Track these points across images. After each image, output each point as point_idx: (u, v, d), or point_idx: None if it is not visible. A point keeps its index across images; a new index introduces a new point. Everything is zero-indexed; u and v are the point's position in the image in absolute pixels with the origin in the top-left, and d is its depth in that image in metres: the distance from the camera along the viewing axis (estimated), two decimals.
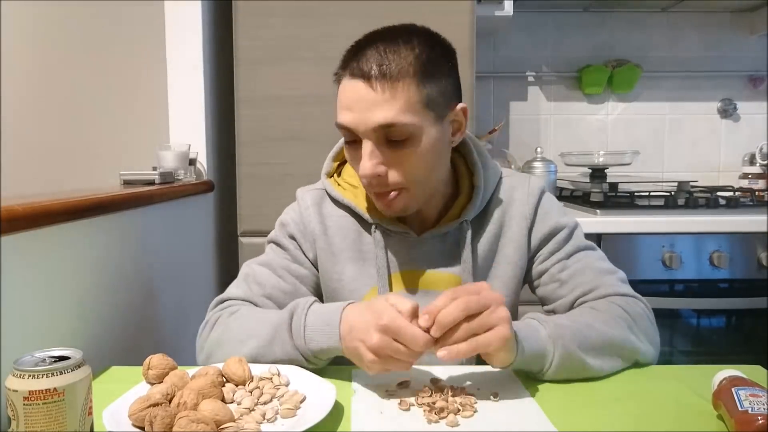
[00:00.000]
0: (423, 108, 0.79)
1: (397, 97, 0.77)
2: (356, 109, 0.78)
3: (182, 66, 1.63)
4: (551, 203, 0.96)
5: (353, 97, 0.78)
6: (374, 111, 0.77)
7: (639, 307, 0.86)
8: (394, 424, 0.66)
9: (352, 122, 0.79)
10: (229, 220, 1.78)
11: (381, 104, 0.77)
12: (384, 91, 0.77)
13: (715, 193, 1.78)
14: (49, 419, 0.52)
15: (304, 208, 0.95)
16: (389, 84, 0.77)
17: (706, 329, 1.69)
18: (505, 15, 1.85)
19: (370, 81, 0.77)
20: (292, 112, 1.58)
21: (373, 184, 0.82)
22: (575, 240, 0.93)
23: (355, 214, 0.93)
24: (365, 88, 0.77)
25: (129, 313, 1.11)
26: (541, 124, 2.26)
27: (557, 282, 0.91)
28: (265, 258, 0.95)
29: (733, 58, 2.25)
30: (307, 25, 1.56)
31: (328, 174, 0.97)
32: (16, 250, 0.74)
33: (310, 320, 0.77)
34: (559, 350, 0.75)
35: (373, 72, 0.77)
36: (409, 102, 0.77)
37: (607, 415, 0.68)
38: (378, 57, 0.77)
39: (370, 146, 0.79)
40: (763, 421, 0.57)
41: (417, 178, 0.82)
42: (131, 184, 1.29)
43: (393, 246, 0.91)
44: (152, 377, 0.73)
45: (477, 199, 0.90)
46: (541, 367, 0.76)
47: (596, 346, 0.78)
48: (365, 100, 0.77)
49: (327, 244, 0.93)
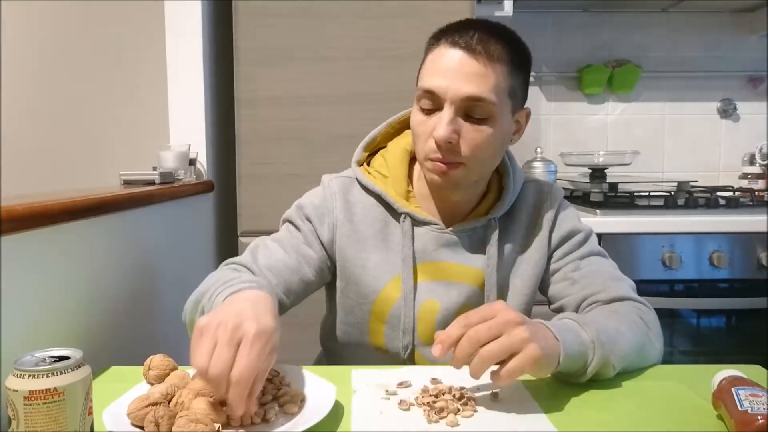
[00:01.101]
0: (507, 95, 0.84)
1: (492, 75, 0.81)
2: (450, 76, 0.81)
3: (182, 66, 1.63)
4: (570, 209, 1.00)
5: (450, 64, 0.82)
6: (469, 81, 0.80)
7: (652, 315, 0.88)
8: (394, 424, 0.66)
9: (442, 88, 0.82)
10: (229, 220, 1.79)
11: (476, 77, 0.80)
12: (483, 66, 0.80)
13: (715, 193, 1.78)
14: (49, 419, 0.52)
15: (330, 194, 0.95)
16: (489, 61, 0.81)
17: (706, 329, 1.69)
18: (505, 15, 1.86)
19: (473, 52, 0.81)
20: (292, 112, 1.58)
21: (442, 149, 0.83)
22: (590, 244, 0.97)
23: (384, 203, 0.94)
24: (466, 58, 0.81)
25: (129, 313, 1.11)
26: (541, 124, 2.26)
27: (569, 280, 0.94)
28: (277, 235, 0.97)
29: (733, 58, 2.24)
30: (307, 25, 1.56)
31: (359, 162, 0.98)
32: (16, 250, 0.74)
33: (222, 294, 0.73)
34: (598, 356, 0.73)
35: (476, 46, 0.81)
36: (499, 85, 0.82)
37: (607, 415, 0.68)
38: (481, 36, 0.81)
39: (451, 113, 0.82)
40: (763, 421, 0.57)
41: (480, 158, 0.85)
42: (131, 184, 1.29)
43: (420, 237, 0.93)
44: (152, 378, 0.73)
45: (506, 198, 0.94)
46: (578, 370, 0.74)
47: (624, 354, 0.78)
48: (463, 69, 0.81)
49: (352, 230, 0.94)
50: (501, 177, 0.97)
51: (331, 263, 0.96)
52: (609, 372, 0.76)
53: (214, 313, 0.63)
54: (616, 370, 0.77)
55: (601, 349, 0.73)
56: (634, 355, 0.80)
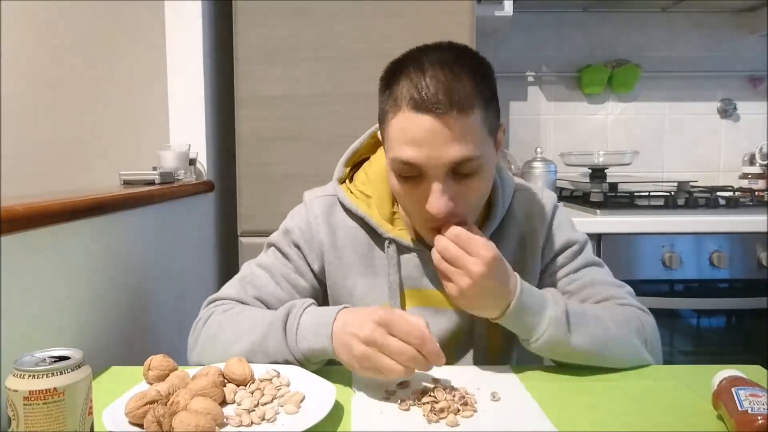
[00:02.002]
0: (487, 135, 0.77)
1: (470, 131, 0.73)
2: (426, 145, 0.73)
3: (182, 66, 1.63)
4: (564, 217, 0.95)
5: (421, 134, 0.73)
6: (448, 147, 0.73)
7: (650, 319, 0.88)
8: (394, 424, 0.66)
9: (421, 159, 0.74)
10: (229, 220, 1.79)
11: (455, 140, 0.72)
12: (460, 126, 0.72)
13: (715, 193, 1.78)
14: (49, 419, 0.52)
15: (313, 218, 0.91)
16: (462, 118, 0.72)
17: (706, 329, 1.69)
18: (505, 15, 1.85)
19: (441, 117, 0.72)
20: (292, 112, 1.58)
21: (440, 219, 0.77)
22: (585, 254, 0.94)
23: (368, 227, 0.90)
24: (437, 124, 0.72)
25: (129, 313, 1.11)
26: (541, 124, 2.26)
27: (565, 294, 0.90)
28: (265, 261, 0.93)
29: (733, 58, 2.25)
30: (307, 25, 1.56)
31: (340, 180, 0.94)
32: (16, 250, 0.74)
33: (304, 319, 0.77)
34: (561, 308, 0.77)
35: (444, 103, 0.71)
36: (479, 133, 0.74)
37: (607, 415, 0.68)
38: (443, 88, 0.72)
39: (440, 184, 0.75)
40: (763, 421, 0.57)
41: (480, 204, 0.83)
42: (131, 184, 1.29)
43: (406, 263, 0.89)
44: (152, 378, 0.73)
45: (496, 215, 0.89)
46: (537, 325, 0.77)
47: (596, 336, 0.79)
48: (438, 136, 0.72)
49: (336, 257, 0.90)
50: None
51: (323, 288, 0.93)
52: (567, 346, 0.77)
53: (346, 351, 0.71)
54: (584, 351, 0.78)
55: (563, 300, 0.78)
56: (617, 342, 0.80)
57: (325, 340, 0.74)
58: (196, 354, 0.85)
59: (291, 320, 0.77)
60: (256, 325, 0.80)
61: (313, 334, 0.75)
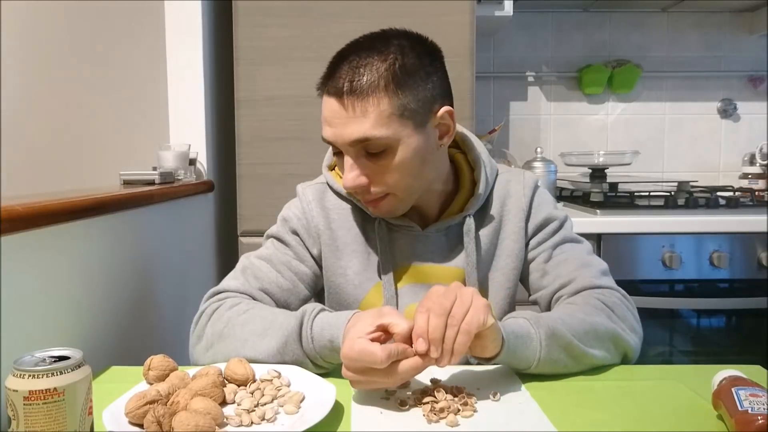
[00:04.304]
0: (398, 118, 0.79)
1: (368, 113, 0.78)
2: (334, 124, 0.81)
3: (182, 66, 1.63)
4: (545, 196, 0.98)
5: (330, 113, 0.81)
6: (348, 127, 0.79)
7: (615, 297, 0.88)
8: (394, 424, 0.66)
9: (332, 137, 0.82)
10: (229, 220, 1.79)
11: (353, 121, 0.79)
12: (355, 109, 0.78)
13: (715, 193, 1.78)
14: (49, 419, 0.52)
15: (306, 204, 0.94)
16: (359, 101, 0.78)
17: (706, 329, 1.69)
18: (505, 15, 1.85)
19: (341, 99, 0.79)
20: (292, 112, 1.58)
21: (358, 192, 0.85)
22: (564, 232, 0.96)
23: (358, 208, 0.93)
24: (338, 106, 0.79)
25: (129, 313, 1.11)
26: (541, 124, 2.26)
27: (540, 271, 0.94)
28: (265, 252, 0.95)
29: (733, 58, 2.25)
30: (307, 25, 1.56)
31: (330, 167, 0.97)
32: (16, 250, 0.74)
33: (317, 322, 0.77)
34: (543, 329, 0.76)
35: (345, 89, 0.78)
36: (382, 116, 0.78)
37: (607, 415, 0.68)
38: (350, 73, 0.79)
39: (350, 159, 0.82)
40: (763, 421, 0.57)
41: (400, 185, 0.84)
42: (131, 184, 1.29)
43: (398, 240, 0.92)
44: (152, 378, 0.73)
45: (479, 193, 0.92)
46: (534, 352, 0.75)
47: (579, 330, 0.78)
48: (340, 116, 0.80)
49: (331, 238, 0.93)
50: (473, 171, 0.94)
51: (322, 274, 0.95)
52: (571, 348, 0.77)
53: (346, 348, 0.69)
54: (581, 348, 0.77)
55: (541, 320, 0.77)
56: (598, 333, 0.80)
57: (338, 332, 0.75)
58: (201, 349, 0.84)
59: (305, 329, 0.77)
60: (270, 333, 0.79)
61: (329, 328, 0.76)
